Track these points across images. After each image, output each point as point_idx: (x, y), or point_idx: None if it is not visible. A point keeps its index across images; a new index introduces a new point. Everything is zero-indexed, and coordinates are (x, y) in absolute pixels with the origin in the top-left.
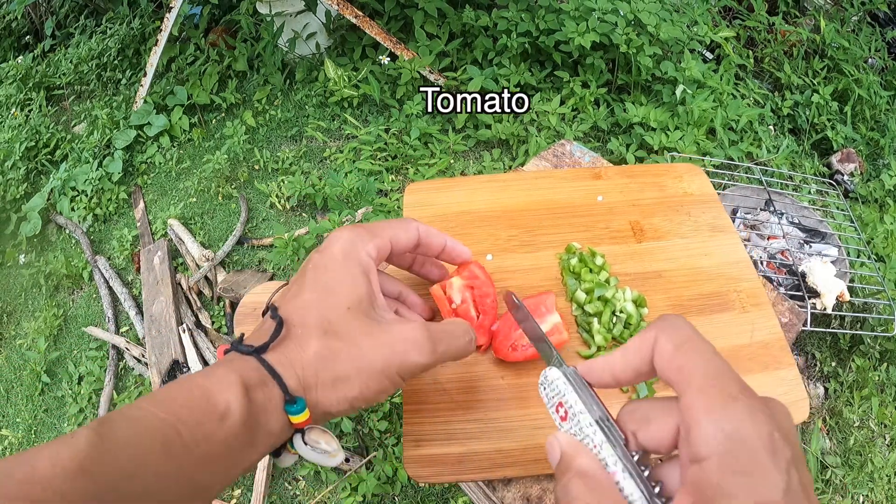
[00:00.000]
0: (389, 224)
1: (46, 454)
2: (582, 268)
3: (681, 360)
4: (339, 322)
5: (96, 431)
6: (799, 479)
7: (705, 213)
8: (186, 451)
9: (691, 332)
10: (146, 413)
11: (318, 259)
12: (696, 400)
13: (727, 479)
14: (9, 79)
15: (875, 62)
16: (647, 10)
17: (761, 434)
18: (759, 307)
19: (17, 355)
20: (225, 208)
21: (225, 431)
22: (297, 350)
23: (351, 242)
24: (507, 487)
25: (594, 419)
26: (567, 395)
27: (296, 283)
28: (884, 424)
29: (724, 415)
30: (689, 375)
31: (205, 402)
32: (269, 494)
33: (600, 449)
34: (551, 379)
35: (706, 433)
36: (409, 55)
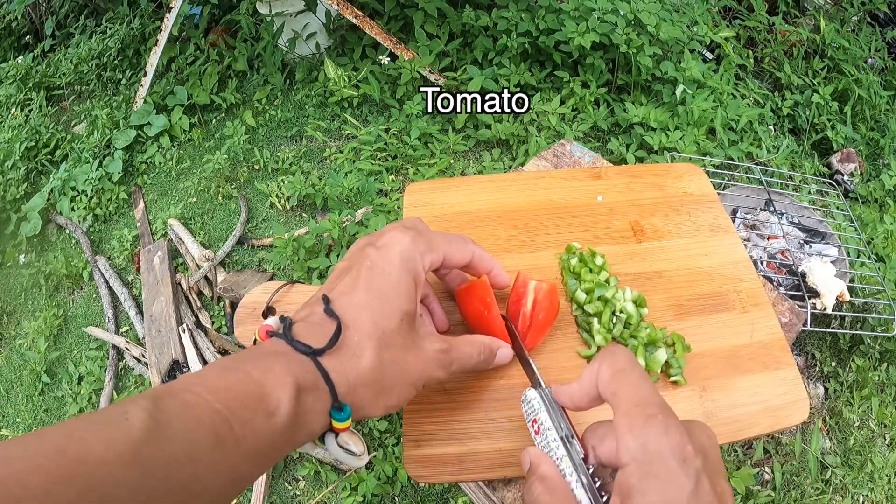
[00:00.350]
0: (448, 240)
1: (101, 437)
2: (582, 268)
3: (613, 386)
4: (392, 335)
5: (151, 416)
6: (710, 486)
7: (705, 213)
8: (235, 444)
9: (627, 361)
10: (201, 401)
11: (377, 259)
12: (622, 419)
13: (641, 481)
14: (9, 79)
15: (875, 62)
16: (647, 10)
17: (672, 445)
18: (759, 307)
19: (17, 355)
20: (225, 208)
21: (272, 428)
22: (351, 359)
23: (410, 251)
24: (507, 487)
25: (559, 436)
26: (539, 413)
27: (349, 275)
28: (884, 424)
29: (641, 431)
30: (619, 399)
31: (258, 399)
32: (269, 494)
33: (561, 461)
34: (529, 398)
35: (627, 445)
36: (409, 55)
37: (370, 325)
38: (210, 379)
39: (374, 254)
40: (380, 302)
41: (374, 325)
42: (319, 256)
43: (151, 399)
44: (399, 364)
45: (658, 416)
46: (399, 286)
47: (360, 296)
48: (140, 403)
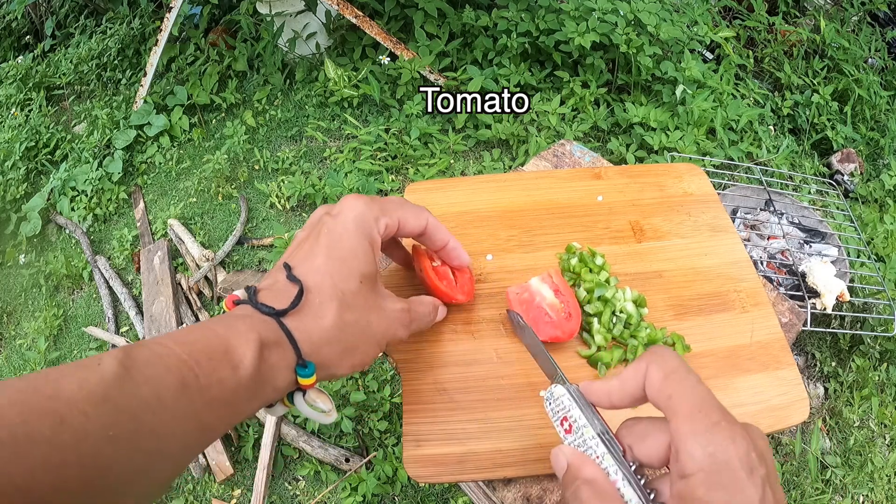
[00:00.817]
0: (402, 205)
1: (74, 378)
2: (582, 268)
3: (669, 389)
4: (352, 295)
5: (122, 363)
6: (773, 495)
7: (705, 213)
8: (200, 392)
9: (678, 363)
10: (169, 351)
11: (332, 225)
12: (684, 425)
13: (709, 493)
14: (9, 79)
15: (875, 62)
16: (647, 10)
17: (739, 454)
18: (759, 307)
19: (17, 355)
20: (225, 208)
21: (236, 380)
22: (313, 319)
23: (364, 215)
24: (507, 487)
25: (596, 432)
26: (572, 410)
27: (307, 243)
28: (884, 424)
29: (707, 438)
30: (677, 403)
31: (223, 352)
32: (269, 494)
33: (602, 459)
34: (557, 395)
35: (692, 453)
36: (409, 55)
37: (331, 288)
38: (178, 335)
39: (331, 221)
40: (339, 265)
41: (335, 287)
42: None
43: (123, 350)
44: (361, 323)
45: (722, 422)
46: (356, 250)
47: (319, 261)
48: (112, 353)
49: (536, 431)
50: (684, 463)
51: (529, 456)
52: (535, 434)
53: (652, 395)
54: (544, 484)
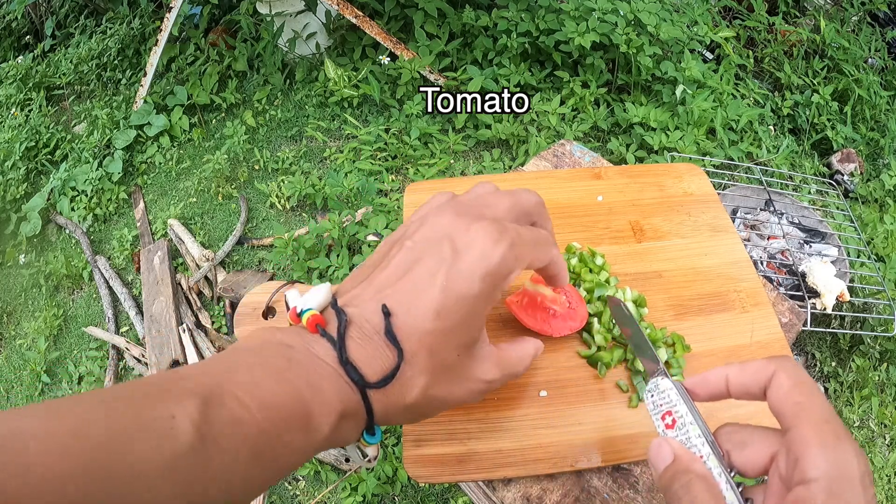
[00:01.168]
0: (536, 244)
1: (144, 448)
2: (582, 268)
3: (798, 396)
4: (445, 369)
5: (198, 429)
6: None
7: (705, 213)
8: (273, 461)
9: (808, 377)
10: (249, 417)
11: (455, 274)
12: (811, 432)
13: (829, 499)
14: (9, 79)
15: (875, 62)
16: (647, 10)
17: (861, 470)
18: (759, 307)
19: (17, 355)
20: (225, 208)
21: (307, 446)
22: (398, 393)
23: (498, 269)
24: (507, 487)
25: (700, 432)
26: (678, 405)
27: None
28: (884, 424)
29: (834, 449)
30: (806, 411)
31: (304, 422)
32: (269, 494)
33: (706, 460)
34: (663, 388)
35: (818, 460)
36: (409, 55)
37: (426, 360)
38: (263, 390)
39: (453, 261)
40: (445, 335)
41: (432, 359)
42: (319, 256)
43: (200, 404)
44: (442, 397)
45: (846, 438)
46: (471, 318)
47: (425, 323)
48: (188, 409)
49: (536, 431)
50: (807, 469)
51: (529, 456)
52: (535, 434)
53: (777, 398)
54: (544, 484)
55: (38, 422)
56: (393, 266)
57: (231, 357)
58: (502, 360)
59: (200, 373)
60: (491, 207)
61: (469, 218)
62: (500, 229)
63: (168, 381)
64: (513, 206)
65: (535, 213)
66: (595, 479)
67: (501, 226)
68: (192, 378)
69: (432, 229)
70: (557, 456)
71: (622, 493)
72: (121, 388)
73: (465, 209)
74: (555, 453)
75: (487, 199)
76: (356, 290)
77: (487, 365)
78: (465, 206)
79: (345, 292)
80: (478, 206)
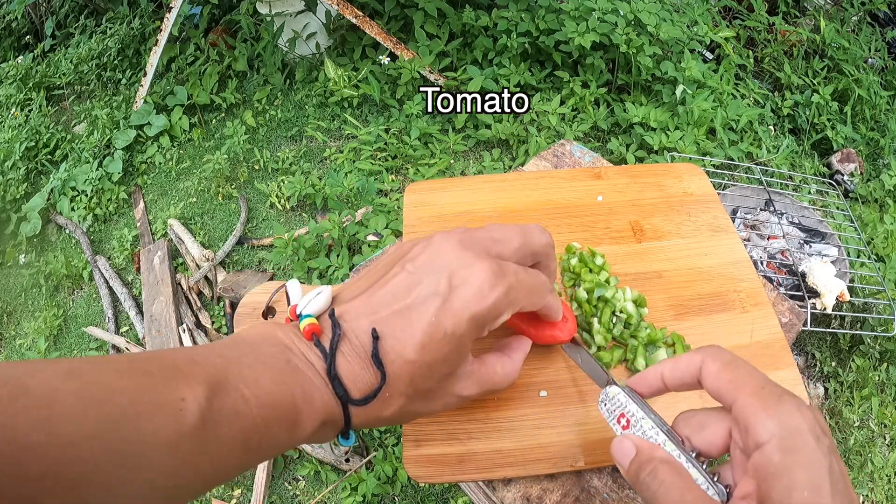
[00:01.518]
0: (530, 292)
1: (153, 422)
2: (582, 268)
3: (728, 374)
4: (424, 392)
5: (203, 415)
6: (837, 465)
7: (705, 213)
8: (257, 451)
9: (733, 356)
10: (248, 410)
11: (444, 313)
12: (751, 401)
13: (785, 457)
14: (9, 79)
15: (875, 62)
16: (647, 10)
17: (808, 422)
18: (759, 307)
19: (17, 355)
20: (225, 208)
21: (288, 442)
22: (377, 408)
23: (487, 314)
24: (507, 487)
25: (654, 423)
26: (628, 405)
27: (406, 311)
28: (884, 424)
29: (777, 410)
30: (740, 384)
31: (292, 421)
32: (269, 494)
33: (665, 446)
34: (612, 395)
35: (764, 424)
36: (409, 55)
37: (407, 386)
38: (262, 389)
39: (447, 296)
40: (428, 366)
41: (412, 384)
42: (319, 256)
43: (208, 391)
44: (419, 411)
45: (786, 395)
46: (456, 352)
47: (410, 353)
48: (196, 394)
49: (536, 431)
50: (757, 434)
51: (529, 456)
52: (535, 434)
53: (710, 382)
54: (544, 484)
55: (64, 381)
56: (390, 287)
57: (236, 348)
58: (484, 379)
59: (210, 359)
60: (500, 243)
61: (473, 253)
62: (500, 273)
63: (182, 361)
64: (522, 246)
65: (542, 254)
66: (595, 479)
67: (502, 269)
68: (202, 364)
69: (434, 257)
70: (557, 456)
71: (622, 493)
72: (141, 360)
73: (471, 242)
74: (555, 453)
75: (500, 234)
76: (354, 304)
77: (467, 382)
78: (472, 240)
79: (343, 300)
80: (487, 241)
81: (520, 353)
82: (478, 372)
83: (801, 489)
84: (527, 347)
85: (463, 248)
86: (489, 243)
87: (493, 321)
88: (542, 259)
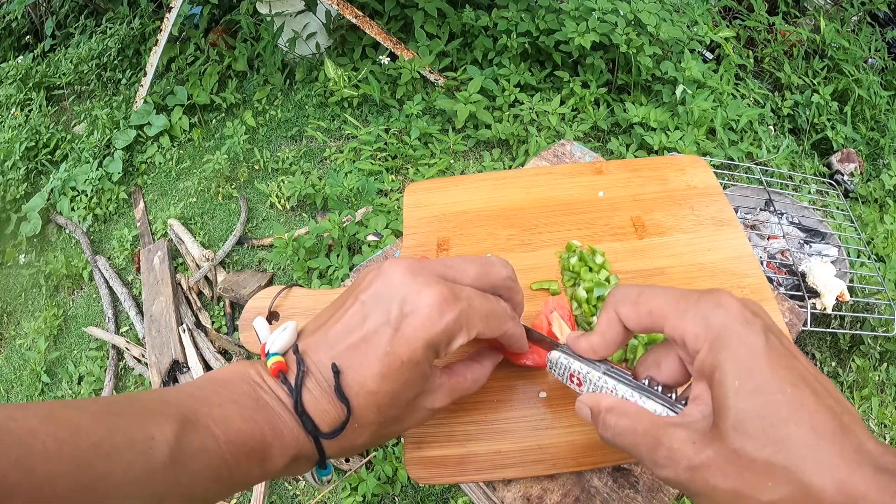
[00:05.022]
0: (486, 317)
1: (124, 459)
2: (581, 267)
3: (644, 307)
4: (393, 418)
5: (172, 452)
6: (780, 341)
7: (709, 206)
8: (228, 484)
9: (639, 288)
10: (216, 447)
11: (397, 345)
12: (676, 320)
13: (717, 356)
14: (9, 79)
15: (875, 62)
16: (647, 10)
17: (731, 312)
18: (763, 303)
19: (17, 355)
20: (225, 208)
21: (259, 476)
22: (349, 439)
23: (439, 339)
24: (507, 487)
25: (601, 372)
26: (572, 365)
27: (363, 345)
28: (884, 424)
29: (695, 312)
30: (658, 310)
31: (261, 455)
32: (269, 494)
33: (616, 391)
34: (555, 359)
35: (693, 334)
36: (409, 55)
37: (374, 415)
38: (231, 426)
39: (397, 325)
40: (391, 395)
41: (379, 413)
42: (319, 256)
43: (177, 429)
44: (392, 432)
45: (703, 296)
46: (416, 378)
47: (370, 385)
48: (166, 432)
49: (536, 433)
50: (691, 345)
51: (529, 457)
52: (534, 435)
53: (634, 324)
54: (544, 484)
55: (42, 423)
56: (344, 320)
57: (208, 387)
58: (454, 388)
59: (181, 398)
60: (454, 270)
61: (422, 278)
62: (451, 297)
63: (153, 402)
64: (480, 276)
65: (502, 287)
66: (595, 479)
67: (454, 293)
68: (172, 403)
69: (383, 286)
70: (557, 457)
71: (622, 493)
72: (112, 402)
73: (420, 268)
74: (555, 454)
75: (455, 263)
76: (315, 337)
77: (437, 395)
78: (423, 266)
79: (308, 333)
80: (440, 267)
81: (490, 360)
82: (447, 384)
83: (731, 380)
84: (498, 355)
85: (412, 275)
86: (442, 269)
87: (446, 346)
88: (503, 292)
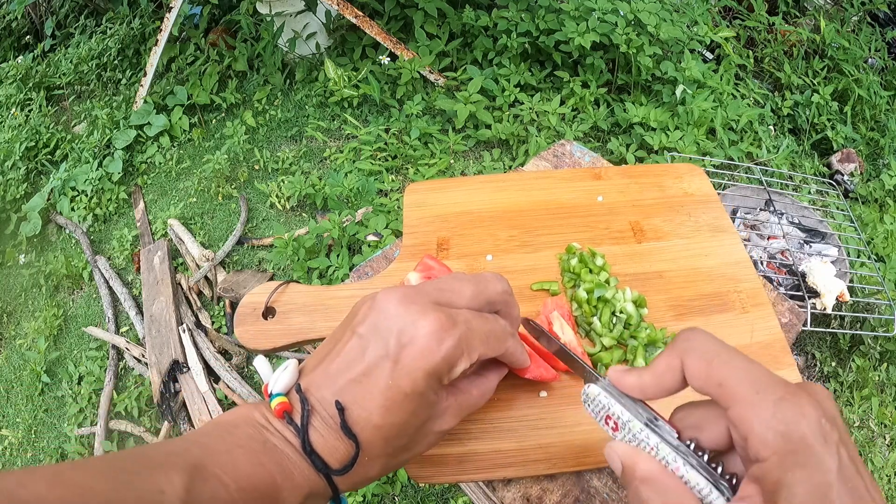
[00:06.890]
0: (486, 339)
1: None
2: (582, 268)
3: (717, 376)
4: (402, 447)
5: None
6: (848, 454)
7: (706, 213)
8: None
9: (717, 345)
10: (228, 496)
11: (398, 377)
12: (747, 410)
13: (788, 473)
14: (9, 79)
15: (875, 62)
16: (647, 10)
17: (812, 427)
18: (759, 307)
19: (17, 355)
20: (225, 208)
21: None
22: (360, 473)
23: (439, 368)
24: (507, 487)
25: (643, 423)
26: (612, 407)
27: (365, 379)
28: (884, 424)
29: (775, 418)
30: (733, 389)
31: (274, 499)
32: None
33: (657, 449)
34: (593, 395)
35: (762, 438)
36: (409, 55)
37: (383, 447)
38: (240, 472)
39: (397, 356)
40: (397, 427)
41: (387, 445)
42: (319, 256)
43: (186, 480)
44: (404, 459)
45: (786, 397)
46: (421, 407)
47: (375, 419)
48: (175, 485)
49: (536, 432)
50: (756, 449)
51: (529, 456)
52: (534, 434)
53: (699, 386)
54: (544, 484)
55: (50, 488)
56: (343, 355)
57: (213, 433)
58: (461, 407)
59: (187, 448)
60: (449, 293)
61: (418, 307)
62: (449, 323)
63: (160, 454)
64: (476, 295)
65: (499, 302)
66: (595, 480)
67: (451, 318)
68: (180, 454)
69: (379, 318)
70: (557, 456)
71: (622, 493)
72: (119, 458)
73: (415, 296)
74: (554, 454)
75: (450, 285)
76: (316, 374)
77: (445, 418)
78: (417, 293)
79: (309, 370)
80: (434, 292)
81: (495, 372)
82: (454, 404)
83: None
84: (503, 367)
85: (407, 304)
86: (437, 293)
87: (448, 373)
88: (500, 307)
